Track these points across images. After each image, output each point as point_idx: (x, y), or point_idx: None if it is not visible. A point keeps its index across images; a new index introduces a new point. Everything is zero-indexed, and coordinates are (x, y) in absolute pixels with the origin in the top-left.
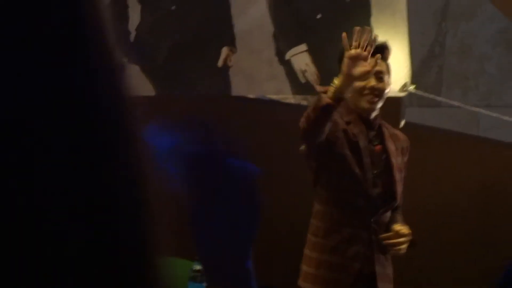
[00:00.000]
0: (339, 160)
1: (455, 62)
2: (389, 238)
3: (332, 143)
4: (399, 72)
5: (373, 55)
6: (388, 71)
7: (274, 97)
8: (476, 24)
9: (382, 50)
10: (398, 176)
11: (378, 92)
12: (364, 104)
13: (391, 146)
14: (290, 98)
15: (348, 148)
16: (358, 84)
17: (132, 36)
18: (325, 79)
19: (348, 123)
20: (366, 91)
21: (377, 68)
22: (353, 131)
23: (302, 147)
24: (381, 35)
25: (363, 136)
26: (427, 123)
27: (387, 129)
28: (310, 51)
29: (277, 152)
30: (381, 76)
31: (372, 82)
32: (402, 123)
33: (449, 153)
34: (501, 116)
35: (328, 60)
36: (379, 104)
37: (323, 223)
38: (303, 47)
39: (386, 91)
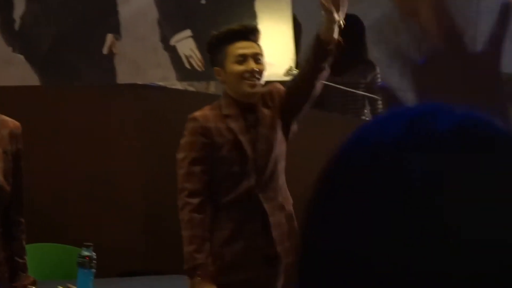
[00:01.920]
0: (222, 161)
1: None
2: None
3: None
4: (283, 56)
5: (245, 38)
6: (262, 53)
7: (160, 83)
8: (362, 10)
9: (253, 33)
10: (268, 131)
11: (258, 75)
12: (245, 88)
13: (265, 111)
14: (177, 84)
15: (230, 147)
16: (237, 68)
17: (17, 25)
18: (209, 65)
19: (227, 116)
20: (247, 75)
21: (254, 50)
22: (231, 126)
23: None
24: (264, 20)
25: (242, 130)
26: None
27: (260, 97)
28: (195, 36)
29: (165, 138)
30: (258, 58)
31: (252, 64)
32: None
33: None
34: None
35: None
36: (260, 87)
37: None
38: (187, 32)
39: (265, 72)
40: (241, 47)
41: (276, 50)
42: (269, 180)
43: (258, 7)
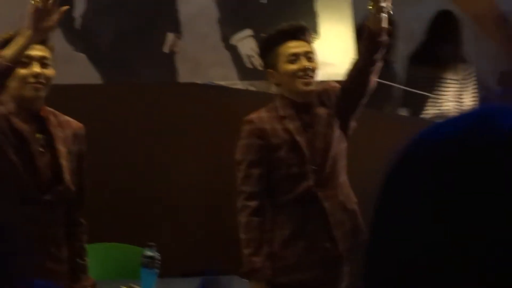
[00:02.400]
0: (280, 163)
1: (402, 46)
2: None
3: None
4: (344, 56)
5: (295, 38)
6: (314, 51)
7: (221, 83)
8: (422, 9)
9: (303, 32)
10: (325, 129)
11: (311, 72)
12: (300, 86)
13: (320, 109)
14: (238, 84)
15: (287, 148)
16: (290, 67)
17: (78, 23)
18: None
19: (283, 117)
20: (300, 73)
21: (305, 49)
22: (288, 127)
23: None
24: (325, 19)
25: (299, 130)
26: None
27: (316, 96)
28: (255, 36)
29: (226, 138)
30: (310, 56)
31: (304, 62)
32: None
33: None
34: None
35: None
36: (314, 85)
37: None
38: (248, 32)
39: (318, 70)
40: (292, 47)
41: (337, 49)
42: (329, 178)
43: (319, 6)
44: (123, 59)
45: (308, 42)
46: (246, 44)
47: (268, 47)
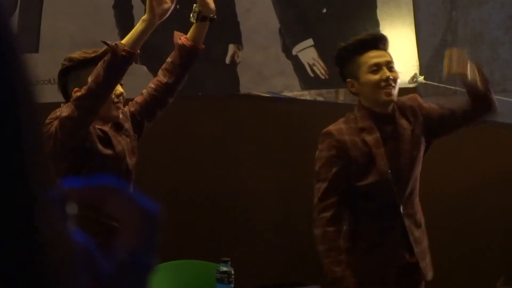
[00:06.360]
0: (359, 175)
1: (468, 50)
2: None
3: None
4: (407, 64)
5: (376, 47)
6: (393, 60)
7: (288, 94)
8: (487, 11)
9: (383, 41)
10: (410, 146)
11: (393, 82)
12: (382, 96)
13: (404, 123)
14: (305, 94)
15: (365, 161)
16: (373, 78)
17: None
18: (333, 73)
19: (362, 129)
20: (383, 83)
21: (386, 59)
22: (366, 139)
23: None
24: (387, 27)
25: (378, 143)
26: None
27: (397, 108)
28: (317, 45)
29: (294, 150)
30: (391, 66)
31: (387, 72)
32: None
33: (467, 140)
34: None
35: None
36: (395, 96)
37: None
38: (309, 41)
39: (399, 80)
40: (374, 56)
41: (400, 57)
42: (409, 197)
43: (380, 14)
44: None
45: (387, 51)
46: (308, 54)
47: (348, 56)
